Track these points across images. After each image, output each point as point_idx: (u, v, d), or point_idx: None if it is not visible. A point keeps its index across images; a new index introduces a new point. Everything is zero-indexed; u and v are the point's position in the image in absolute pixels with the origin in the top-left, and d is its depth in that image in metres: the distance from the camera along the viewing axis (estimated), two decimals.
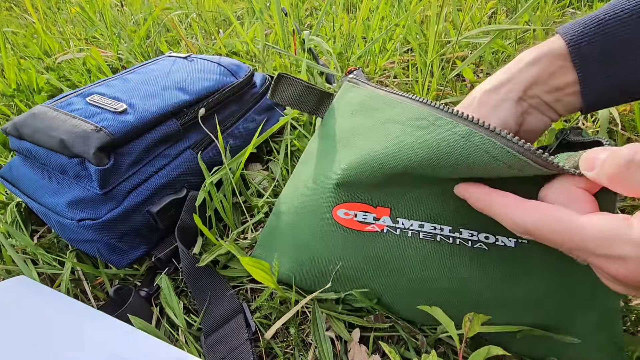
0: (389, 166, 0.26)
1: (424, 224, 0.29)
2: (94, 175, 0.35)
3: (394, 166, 0.26)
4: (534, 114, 0.30)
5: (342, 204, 0.30)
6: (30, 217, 0.46)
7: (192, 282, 0.37)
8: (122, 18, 1.03)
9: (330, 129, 0.33)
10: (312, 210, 0.31)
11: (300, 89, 0.34)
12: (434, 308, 0.28)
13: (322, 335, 0.32)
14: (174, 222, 0.40)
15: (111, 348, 0.28)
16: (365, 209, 0.30)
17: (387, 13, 0.91)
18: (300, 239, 0.33)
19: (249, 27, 0.93)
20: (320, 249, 0.31)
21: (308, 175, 0.33)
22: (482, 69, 0.71)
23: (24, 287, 0.35)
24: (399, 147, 0.26)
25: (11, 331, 0.29)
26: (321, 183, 0.31)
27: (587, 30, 0.27)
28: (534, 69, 0.28)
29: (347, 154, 0.29)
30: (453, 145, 0.24)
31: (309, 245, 0.32)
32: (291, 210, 0.33)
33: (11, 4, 1.41)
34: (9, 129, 0.39)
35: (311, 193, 0.32)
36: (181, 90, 0.44)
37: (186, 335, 0.34)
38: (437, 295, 0.29)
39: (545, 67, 0.28)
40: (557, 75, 0.28)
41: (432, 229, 0.28)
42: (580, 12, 0.88)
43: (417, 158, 0.25)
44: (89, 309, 0.33)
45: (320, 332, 0.32)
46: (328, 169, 0.31)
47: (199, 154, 0.41)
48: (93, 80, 0.75)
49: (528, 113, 0.30)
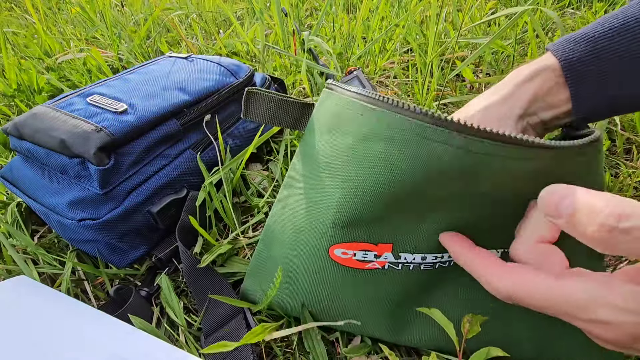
0: (383, 196, 0.24)
1: (427, 255, 0.27)
2: (94, 175, 0.35)
3: (388, 195, 0.24)
4: (531, 133, 0.30)
5: (340, 243, 0.27)
6: (30, 217, 0.46)
7: (192, 282, 0.37)
8: (123, 18, 1.03)
9: (311, 148, 0.29)
10: (307, 246, 0.29)
11: (275, 103, 0.30)
12: (433, 310, 0.28)
13: (315, 341, 0.32)
14: (175, 222, 0.40)
15: (111, 348, 0.29)
16: (365, 247, 0.27)
17: (387, 13, 0.91)
18: (294, 272, 0.31)
19: (249, 27, 0.93)
20: (316, 285, 0.30)
21: (298, 204, 0.30)
22: (481, 69, 0.71)
23: (24, 287, 0.35)
24: (390, 172, 0.24)
25: (11, 331, 0.29)
26: (315, 219, 0.28)
27: (578, 47, 0.27)
28: (532, 85, 0.28)
29: (336, 186, 0.26)
30: (449, 161, 0.22)
31: (303, 280, 0.30)
32: (284, 243, 0.31)
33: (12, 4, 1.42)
34: (9, 129, 0.39)
35: (305, 228, 0.29)
36: (181, 90, 0.44)
37: (186, 335, 0.34)
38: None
39: (542, 83, 0.28)
40: (552, 92, 0.28)
41: (433, 259, 0.28)
42: (579, 13, 0.88)
43: (412, 180, 0.23)
44: (90, 308, 0.33)
45: (314, 340, 0.32)
46: (319, 202, 0.28)
47: (198, 155, 0.41)
48: (93, 80, 0.75)
49: (526, 131, 0.30)
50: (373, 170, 0.24)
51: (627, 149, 0.52)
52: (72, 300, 0.34)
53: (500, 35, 0.49)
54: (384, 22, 0.88)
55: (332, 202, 0.26)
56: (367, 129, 0.25)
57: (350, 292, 0.29)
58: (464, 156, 0.22)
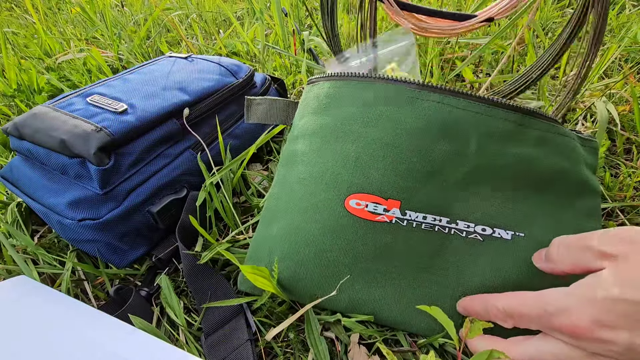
0: (389, 148, 0.31)
1: (427, 216, 0.31)
2: (94, 175, 0.35)
3: (393, 148, 0.31)
4: None
5: (355, 194, 0.32)
6: (30, 217, 0.46)
7: (192, 282, 0.37)
8: (123, 18, 1.03)
9: (308, 127, 0.35)
10: (322, 205, 0.32)
11: (267, 105, 0.40)
12: (434, 308, 0.28)
13: (316, 338, 0.32)
14: (175, 222, 0.40)
15: (111, 348, 0.29)
16: (376, 200, 0.31)
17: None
18: (304, 237, 0.32)
19: (249, 27, 0.93)
20: (329, 242, 0.31)
21: (306, 173, 0.33)
22: (481, 69, 0.71)
23: (24, 287, 0.35)
24: (394, 132, 0.31)
25: (11, 331, 0.29)
26: (330, 177, 0.32)
27: None
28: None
29: (349, 146, 0.32)
30: (435, 114, 0.31)
31: (316, 241, 0.32)
32: (291, 212, 0.33)
33: (12, 5, 1.42)
34: (9, 129, 0.39)
35: (318, 190, 0.32)
36: (181, 90, 0.44)
37: (186, 335, 0.34)
38: (433, 287, 0.31)
39: None
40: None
41: (432, 220, 0.31)
42: None
43: (410, 133, 0.31)
44: (90, 309, 0.33)
45: (315, 335, 0.32)
46: (334, 161, 0.32)
47: (198, 154, 0.41)
48: (93, 80, 0.75)
49: None
50: (378, 127, 0.31)
51: (627, 149, 0.52)
52: (72, 300, 0.34)
53: (500, 35, 0.49)
54: (384, 22, 0.88)
55: (349, 157, 0.32)
56: (367, 97, 0.32)
57: (362, 245, 0.31)
58: (444, 109, 0.31)
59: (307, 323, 0.32)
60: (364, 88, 0.33)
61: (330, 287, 0.31)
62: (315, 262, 0.32)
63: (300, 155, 0.35)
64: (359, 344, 0.32)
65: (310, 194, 0.32)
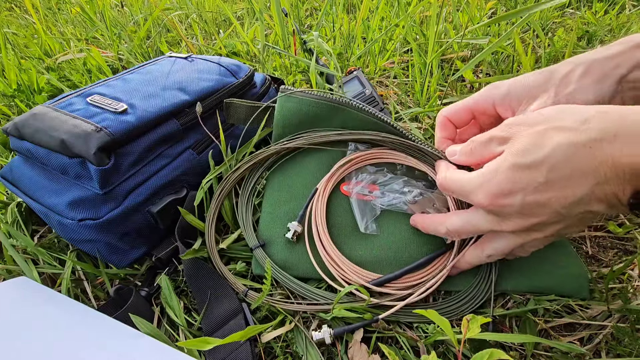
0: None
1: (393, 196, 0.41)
2: (94, 175, 0.35)
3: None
4: (624, 100, 0.31)
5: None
6: (30, 217, 0.46)
7: (192, 282, 0.37)
8: (123, 18, 1.04)
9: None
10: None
11: (245, 109, 0.44)
12: (430, 311, 0.28)
13: (306, 345, 0.32)
14: (174, 222, 0.40)
15: (111, 348, 0.29)
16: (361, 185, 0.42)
17: (387, 14, 0.91)
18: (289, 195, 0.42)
19: (249, 27, 0.93)
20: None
21: (295, 169, 0.43)
22: (481, 69, 0.71)
23: (24, 288, 0.35)
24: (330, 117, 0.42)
25: (11, 332, 0.29)
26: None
27: None
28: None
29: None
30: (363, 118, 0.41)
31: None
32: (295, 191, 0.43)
33: (12, 4, 1.42)
34: (9, 129, 0.39)
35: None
36: (181, 90, 0.44)
37: (186, 335, 0.34)
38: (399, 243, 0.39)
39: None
40: None
41: (393, 199, 0.41)
42: (579, 13, 0.88)
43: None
44: (89, 310, 0.33)
45: (304, 343, 0.33)
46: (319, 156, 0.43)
47: (210, 153, 0.42)
48: (93, 80, 0.75)
49: (621, 96, 0.30)
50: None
51: None
52: (72, 301, 0.34)
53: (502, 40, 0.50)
54: (384, 22, 0.88)
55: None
56: (310, 106, 0.42)
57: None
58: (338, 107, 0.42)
59: (296, 332, 0.33)
60: None
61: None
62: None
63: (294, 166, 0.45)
64: (360, 343, 0.32)
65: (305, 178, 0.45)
